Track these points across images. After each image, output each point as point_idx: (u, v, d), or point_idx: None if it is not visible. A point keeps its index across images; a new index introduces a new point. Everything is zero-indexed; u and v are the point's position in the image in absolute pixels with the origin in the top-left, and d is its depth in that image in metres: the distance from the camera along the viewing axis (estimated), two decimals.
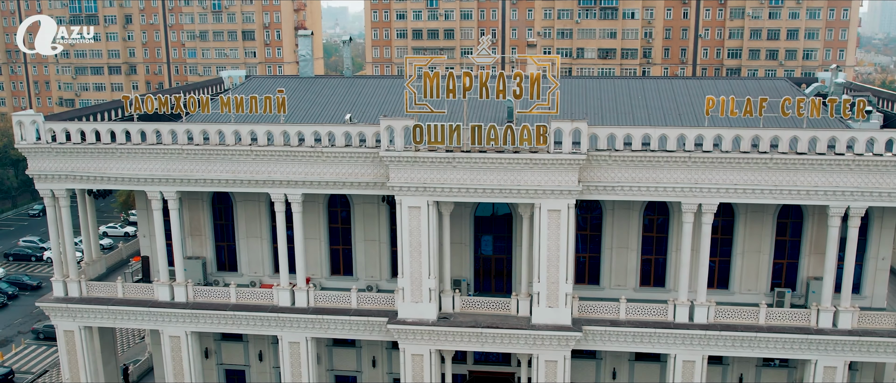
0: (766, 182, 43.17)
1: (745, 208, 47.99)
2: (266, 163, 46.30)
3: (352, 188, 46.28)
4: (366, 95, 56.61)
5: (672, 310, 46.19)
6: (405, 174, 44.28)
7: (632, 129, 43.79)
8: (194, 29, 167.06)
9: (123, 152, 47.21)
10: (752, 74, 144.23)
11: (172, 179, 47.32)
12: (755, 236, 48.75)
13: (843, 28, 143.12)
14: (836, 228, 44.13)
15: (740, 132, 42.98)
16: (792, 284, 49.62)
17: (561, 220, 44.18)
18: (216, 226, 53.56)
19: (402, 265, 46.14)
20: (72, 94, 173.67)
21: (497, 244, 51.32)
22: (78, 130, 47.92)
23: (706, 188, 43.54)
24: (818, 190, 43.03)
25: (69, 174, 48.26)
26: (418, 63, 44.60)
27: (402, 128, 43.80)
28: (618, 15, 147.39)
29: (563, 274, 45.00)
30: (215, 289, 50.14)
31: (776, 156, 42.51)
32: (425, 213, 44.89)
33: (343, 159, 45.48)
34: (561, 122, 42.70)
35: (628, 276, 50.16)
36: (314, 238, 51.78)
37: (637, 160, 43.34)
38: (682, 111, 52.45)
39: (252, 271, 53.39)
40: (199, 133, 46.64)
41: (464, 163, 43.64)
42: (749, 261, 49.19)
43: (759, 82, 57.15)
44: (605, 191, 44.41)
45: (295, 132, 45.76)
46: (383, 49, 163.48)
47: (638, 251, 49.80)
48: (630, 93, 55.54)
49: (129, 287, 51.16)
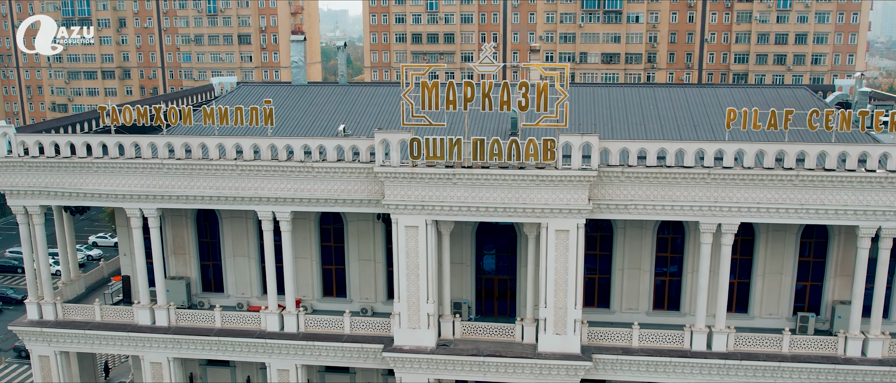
0: (791, 200, 40.01)
1: (767, 227, 44.79)
2: (252, 179, 43.16)
3: (344, 206, 43.12)
4: (361, 104, 53.42)
5: (689, 337, 43.00)
6: (402, 191, 41.11)
7: (646, 144, 40.62)
8: (189, 33, 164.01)
9: (100, 166, 44.12)
10: (759, 79, 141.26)
11: (152, 195, 44.18)
12: (777, 256, 45.53)
13: (853, 32, 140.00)
14: (866, 250, 40.97)
15: (764, 147, 39.82)
16: (816, 308, 46.39)
17: (569, 241, 41.02)
18: (201, 243, 50.38)
19: (398, 288, 42.98)
20: (65, 98, 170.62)
21: (500, 263, 48.18)
22: (51, 143, 44.85)
23: (726, 207, 40.38)
24: (848, 209, 39.87)
25: (43, 190, 45.17)
26: (416, 72, 41.39)
27: (398, 141, 40.65)
28: (622, 19, 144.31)
29: (572, 298, 41.84)
30: (199, 313, 47.00)
31: (802, 173, 39.34)
32: (423, 233, 41.72)
33: (335, 175, 42.33)
34: (570, 136, 39.55)
35: (640, 299, 46.95)
36: (305, 257, 48.61)
37: (652, 177, 40.17)
38: (696, 122, 49.27)
39: (239, 292, 50.18)
40: (181, 146, 43.52)
41: (465, 179, 40.47)
42: (770, 283, 45.97)
43: (777, 91, 53.92)
44: (617, 210, 41.25)
45: (283, 145, 42.63)
46: (382, 53, 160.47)
47: (651, 272, 46.61)
48: (641, 101, 52.33)
49: (107, 310, 48.03)
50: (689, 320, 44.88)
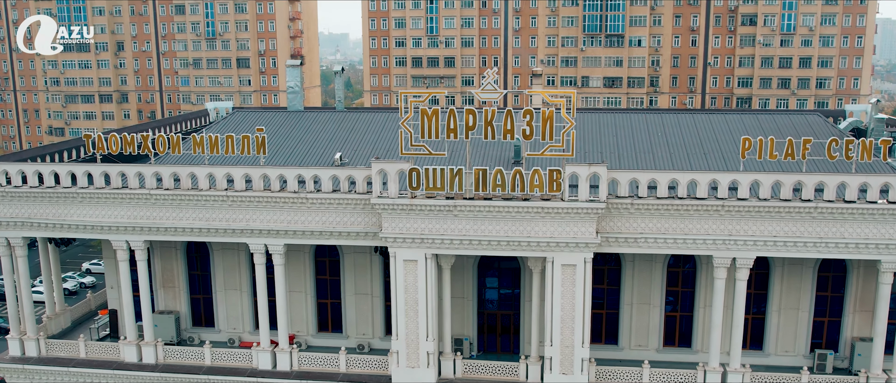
0: (809, 234, 38.02)
1: (783, 260, 42.76)
2: (244, 210, 41.21)
3: (340, 238, 41.12)
4: (359, 131, 51.63)
5: (702, 376, 40.85)
6: (400, 224, 39.15)
7: (657, 174, 38.66)
8: (188, 56, 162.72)
9: (85, 197, 42.19)
10: (763, 103, 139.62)
11: (139, 227, 42.23)
12: (793, 291, 43.47)
13: (858, 55, 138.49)
14: (888, 285, 38.94)
15: (780, 177, 37.88)
16: (834, 345, 44.26)
17: (577, 276, 39.00)
18: (191, 276, 48.34)
19: (396, 325, 40.90)
20: (62, 122, 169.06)
21: (503, 298, 46.09)
22: (35, 172, 42.98)
23: (741, 240, 38.37)
24: (869, 242, 37.88)
25: (25, 221, 43.25)
26: (415, 99, 39.51)
27: (396, 171, 38.73)
28: (624, 42, 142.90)
29: (579, 336, 39.76)
30: (188, 349, 44.86)
31: (821, 205, 37.37)
32: (423, 268, 39.71)
33: (330, 206, 40.38)
34: (577, 166, 37.62)
35: (650, 335, 44.82)
36: (299, 290, 46.55)
37: (664, 209, 38.21)
38: (707, 149, 47.44)
39: (231, 327, 48.06)
40: (170, 176, 41.59)
41: (466, 211, 38.52)
42: (786, 319, 43.88)
43: (789, 117, 52.07)
44: (626, 244, 39.25)
45: (276, 175, 40.71)
46: (382, 77, 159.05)
47: (661, 307, 44.52)
48: (648, 128, 50.52)
49: (92, 346, 45.90)
50: (702, 358, 42.85)
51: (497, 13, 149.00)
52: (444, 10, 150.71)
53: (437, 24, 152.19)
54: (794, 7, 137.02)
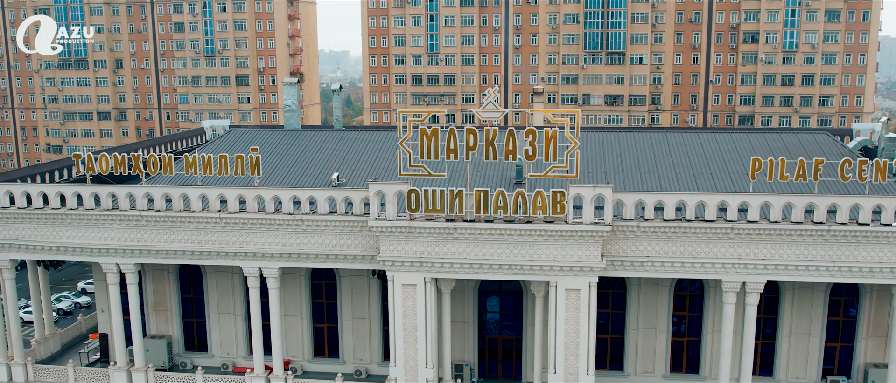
0: (822, 257, 36.77)
1: (794, 284, 41.47)
2: (237, 233, 39.98)
3: (336, 261, 39.88)
4: (357, 150, 50.46)
5: None
6: (398, 247, 37.90)
7: (664, 196, 37.42)
8: (186, 74, 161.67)
9: (74, 218, 41.03)
10: (765, 121, 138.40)
11: (130, 250, 41.00)
12: (804, 316, 42.17)
13: (860, 73, 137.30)
14: None
15: (792, 199, 36.66)
16: (846, 371, 42.93)
17: (581, 301, 37.71)
18: (184, 300, 47.01)
19: (394, 351, 39.55)
20: (60, 140, 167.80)
21: (505, 322, 44.76)
22: (23, 193, 41.84)
23: (751, 264, 37.10)
24: (883, 266, 36.60)
25: (13, 243, 42.12)
26: (414, 118, 38.32)
27: (394, 193, 37.52)
28: (625, 60, 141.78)
29: (584, 363, 38.44)
30: (179, 375, 43.57)
31: (834, 228, 36.13)
32: (422, 292, 38.44)
33: (326, 228, 39.15)
34: (581, 188, 36.40)
35: (657, 361, 43.45)
36: (295, 314, 45.25)
37: (671, 231, 36.97)
38: (713, 169, 46.26)
39: (224, 352, 46.69)
40: (161, 197, 40.40)
41: (467, 234, 37.27)
42: (797, 344, 42.55)
43: (797, 136, 50.90)
44: (632, 268, 37.99)
45: (271, 196, 39.50)
46: (382, 94, 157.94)
47: (668, 332, 43.17)
48: (653, 147, 49.36)
49: (81, 372, 44.56)
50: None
51: (497, 30, 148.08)
52: (444, 27, 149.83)
53: (438, 41, 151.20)
54: (797, 24, 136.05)
